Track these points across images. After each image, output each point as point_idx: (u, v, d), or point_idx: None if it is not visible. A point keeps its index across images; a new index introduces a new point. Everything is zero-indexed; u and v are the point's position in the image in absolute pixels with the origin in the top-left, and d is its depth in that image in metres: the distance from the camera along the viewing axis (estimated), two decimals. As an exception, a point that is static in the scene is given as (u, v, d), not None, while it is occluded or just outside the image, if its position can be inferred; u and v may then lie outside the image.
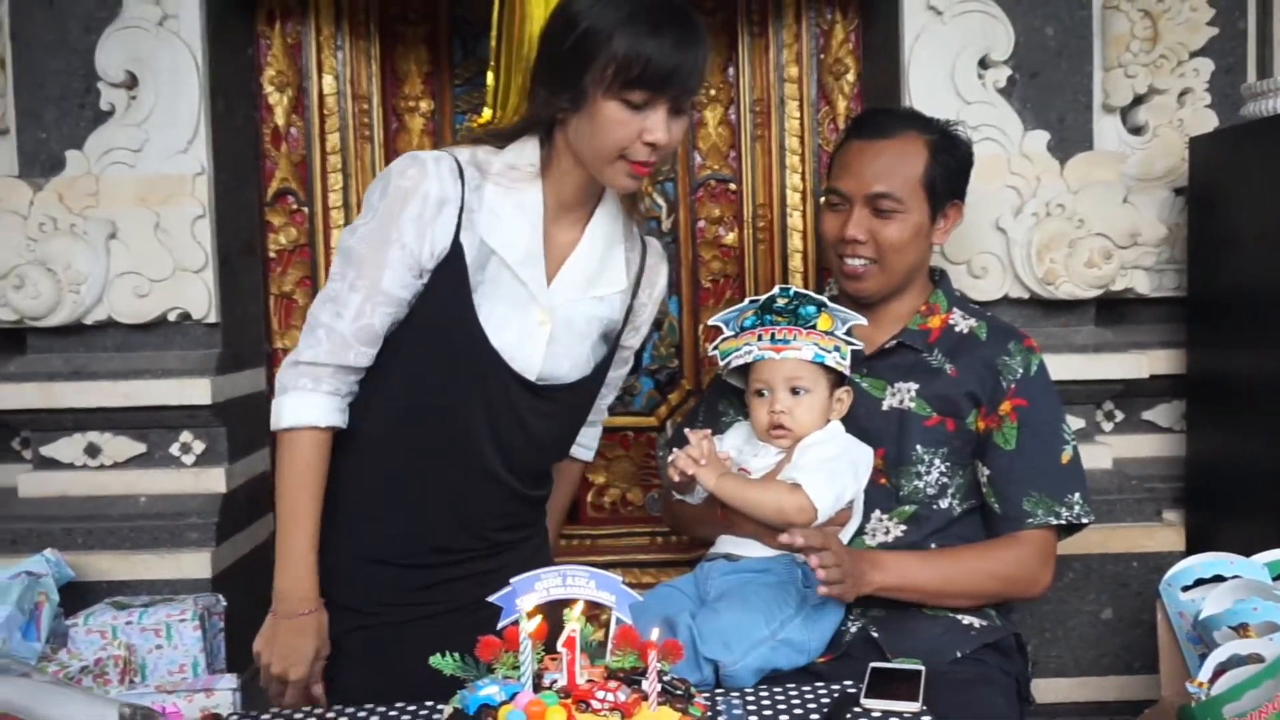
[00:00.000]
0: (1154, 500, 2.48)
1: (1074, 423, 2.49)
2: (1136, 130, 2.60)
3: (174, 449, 2.52)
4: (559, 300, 1.67)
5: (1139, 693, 2.33)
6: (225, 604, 2.33)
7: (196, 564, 2.41)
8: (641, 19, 1.50)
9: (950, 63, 2.42)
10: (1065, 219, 2.37)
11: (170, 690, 2.09)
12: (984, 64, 2.44)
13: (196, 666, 2.19)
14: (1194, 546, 2.32)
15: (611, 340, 1.81)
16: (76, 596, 2.32)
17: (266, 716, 1.50)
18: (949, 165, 1.89)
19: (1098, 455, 2.46)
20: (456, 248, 1.59)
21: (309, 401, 1.61)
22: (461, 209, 1.59)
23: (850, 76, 2.82)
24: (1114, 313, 2.58)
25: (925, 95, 2.40)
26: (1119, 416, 2.65)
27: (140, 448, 2.52)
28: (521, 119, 1.69)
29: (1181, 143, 2.54)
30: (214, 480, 2.52)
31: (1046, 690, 2.40)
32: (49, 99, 2.49)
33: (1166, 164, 2.56)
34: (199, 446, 2.52)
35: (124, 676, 2.13)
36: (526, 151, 1.64)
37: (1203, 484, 2.49)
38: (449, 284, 1.60)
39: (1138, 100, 2.59)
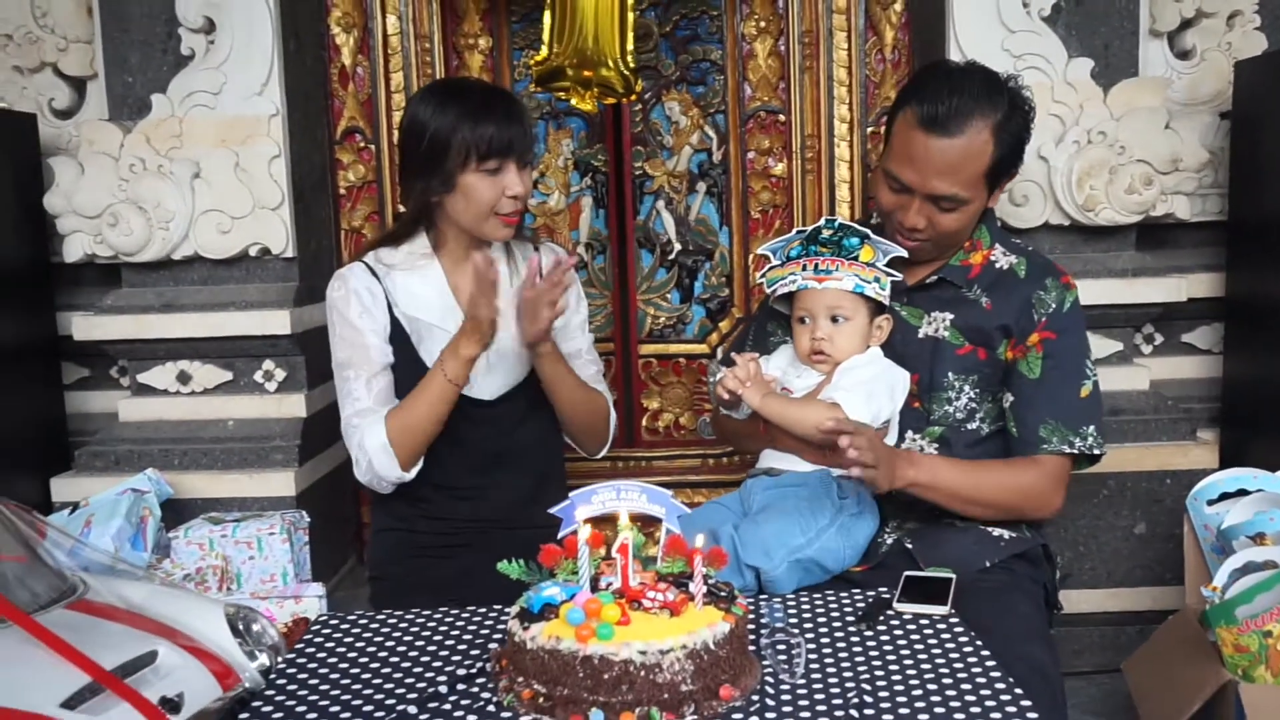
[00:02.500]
0: (1189, 420, 2.54)
1: (1111, 345, 2.56)
2: (1184, 55, 2.61)
3: (258, 376, 2.70)
4: None
5: (1170, 603, 2.42)
6: (309, 520, 2.53)
7: (282, 483, 2.61)
8: (476, 109, 1.89)
9: (995, -9, 2.45)
10: (1107, 146, 2.40)
11: (264, 597, 2.29)
12: (1029, -9, 2.46)
13: (285, 576, 2.40)
14: (1227, 464, 2.38)
15: None
16: (175, 512, 2.54)
17: (352, 617, 1.64)
18: (1011, 144, 1.87)
19: (1135, 377, 2.53)
20: (395, 322, 1.98)
21: (373, 428, 1.90)
22: (387, 293, 1.97)
23: (898, 6, 2.86)
24: (1155, 237, 2.62)
25: (969, 25, 2.43)
26: (1159, 339, 2.71)
27: (227, 375, 2.71)
28: (405, 216, 2.05)
29: (1229, 67, 2.54)
30: (295, 405, 2.70)
31: (1080, 600, 2.51)
32: (134, 44, 2.65)
33: (1213, 88, 2.56)
34: (280, 374, 2.70)
35: (222, 584, 2.34)
36: (418, 241, 2.01)
37: (1238, 404, 2.54)
38: (401, 351, 1.98)
39: (1185, 24, 2.59)
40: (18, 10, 2.83)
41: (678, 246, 3.12)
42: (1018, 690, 1.30)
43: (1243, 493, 1.95)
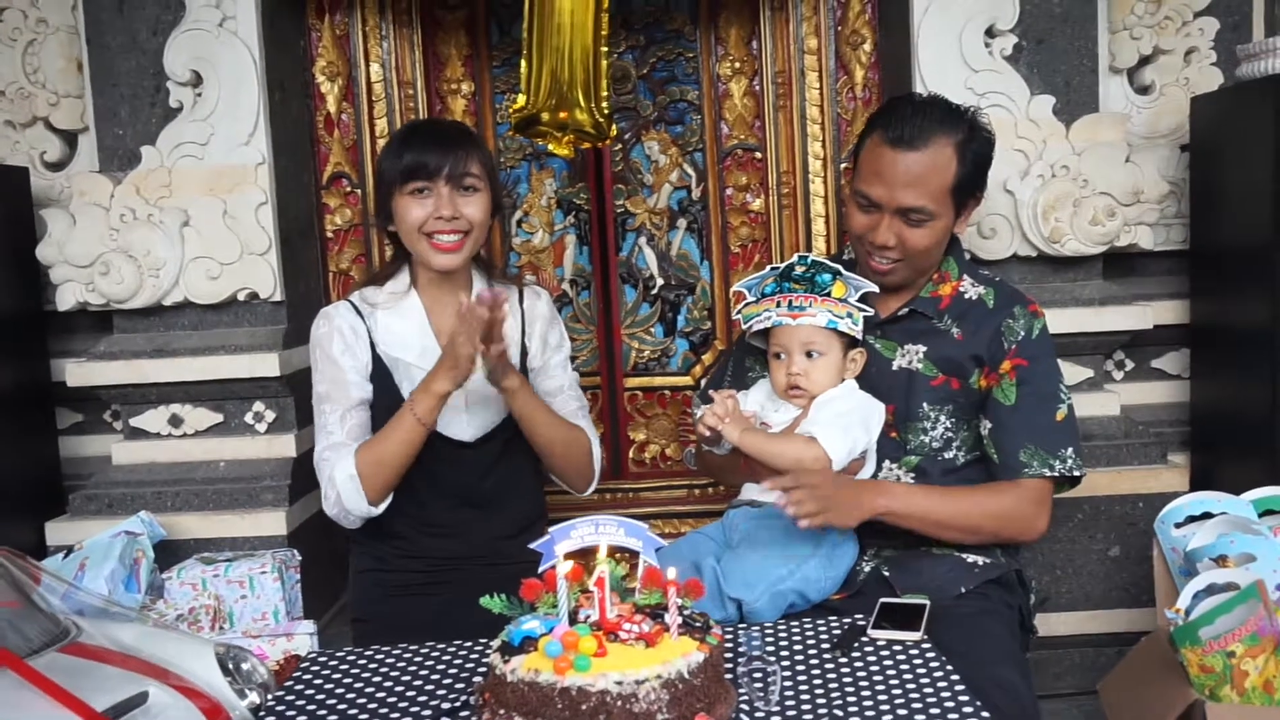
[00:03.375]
0: (1160, 444, 2.59)
1: (1082, 372, 2.61)
2: (1143, 90, 2.68)
3: (248, 418, 2.74)
4: None
5: (1146, 624, 2.45)
6: (300, 558, 2.56)
7: (273, 522, 2.64)
8: (404, 138, 2.02)
9: (958, 33, 2.53)
10: (1070, 179, 2.47)
11: (255, 635, 2.33)
12: (990, 33, 2.54)
13: (277, 614, 2.43)
14: (1197, 487, 2.42)
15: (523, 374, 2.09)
16: (169, 553, 2.57)
17: (340, 654, 1.67)
18: (975, 164, 1.94)
19: (1106, 403, 2.58)
20: (378, 360, 2.02)
21: (343, 460, 1.94)
22: (370, 332, 2.02)
23: (867, 47, 2.93)
24: (1122, 266, 2.68)
25: (934, 65, 2.50)
26: (1129, 365, 2.76)
27: (218, 417, 2.75)
28: (392, 257, 2.13)
29: (1187, 101, 2.62)
30: (285, 446, 2.74)
31: (1058, 623, 2.54)
32: (123, 98, 2.71)
33: (1172, 121, 2.64)
34: (270, 415, 2.74)
35: (214, 623, 2.37)
36: (400, 277, 2.08)
37: (1206, 427, 2.59)
38: (382, 388, 2.02)
39: (1144, 61, 2.66)
40: (10, 66, 2.90)
41: (660, 281, 3.18)
42: (985, 714, 1.33)
43: (1208, 515, 1.99)
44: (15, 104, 2.90)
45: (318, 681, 1.56)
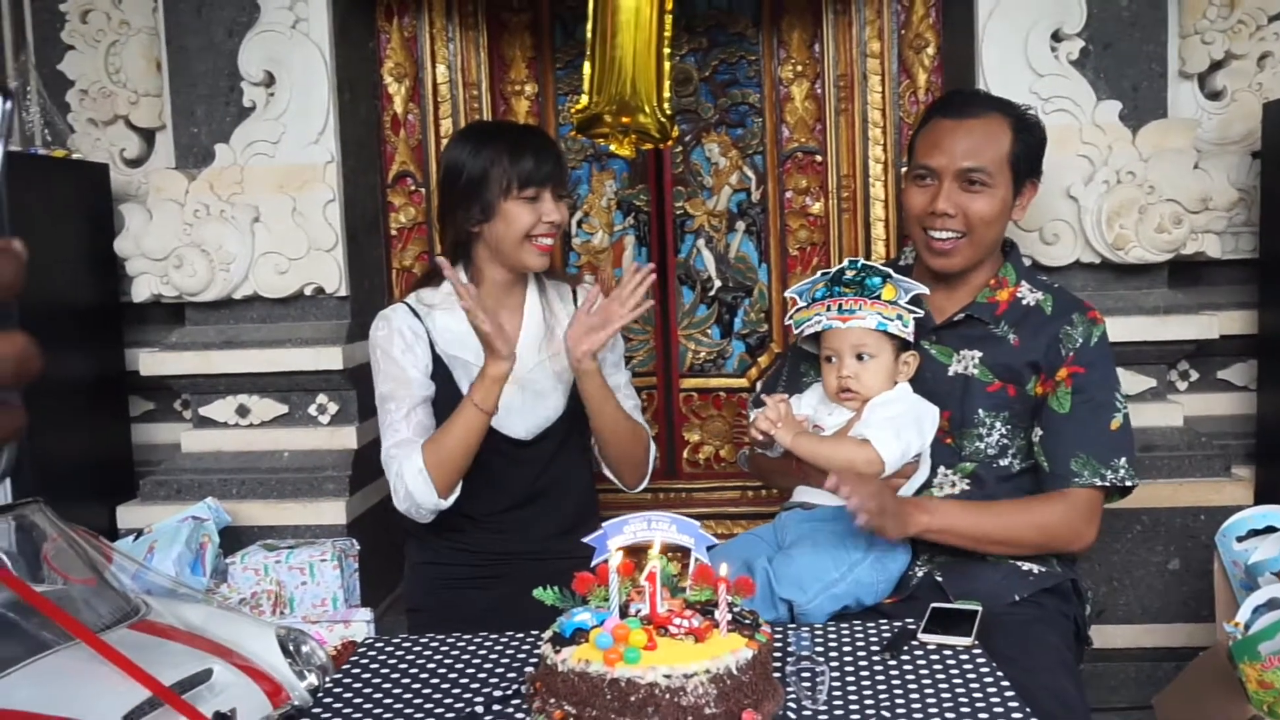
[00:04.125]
0: (1224, 456, 2.54)
1: (1145, 382, 2.56)
2: (1214, 95, 2.63)
3: (312, 409, 2.81)
4: (521, 372, 2.03)
5: (1204, 639, 2.41)
6: (359, 547, 2.61)
7: (333, 511, 2.70)
8: (513, 145, 2.03)
9: (1024, 37, 2.51)
10: (1135, 186, 2.43)
11: (314, 621, 2.38)
12: (1057, 37, 2.51)
13: (336, 601, 2.48)
14: (1261, 501, 2.37)
15: None
16: (233, 539, 2.64)
17: (396, 640, 1.71)
18: (1029, 145, 1.97)
19: (1169, 414, 2.53)
20: (437, 359, 2.06)
21: (411, 456, 1.96)
22: (428, 332, 2.06)
23: (930, 50, 2.91)
24: (1189, 275, 2.63)
25: (998, 69, 2.49)
26: (1194, 376, 2.71)
27: (283, 408, 2.82)
28: (443, 253, 2.13)
29: (1259, 107, 2.56)
30: (346, 437, 2.80)
31: (1114, 636, 2.50)
32: (199, 97, 2.79)
33: (1244, 128, 2.59)
34: (333, 407, 2.80)
35: (275, 608, 2.43)
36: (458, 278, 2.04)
37: (1273, 440, 2.54)
38: (442, 386, 2.06)
39: (1215, 65, 2.62)
40: (93, 67, 3.00)
41: (718, 283, 3.19)
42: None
43: (1272, 529, 1.95)
44: (97, 103, 3.00)
45: (374, 666, 1.60)
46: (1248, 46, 2.58)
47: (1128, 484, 1.90)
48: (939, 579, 1.89)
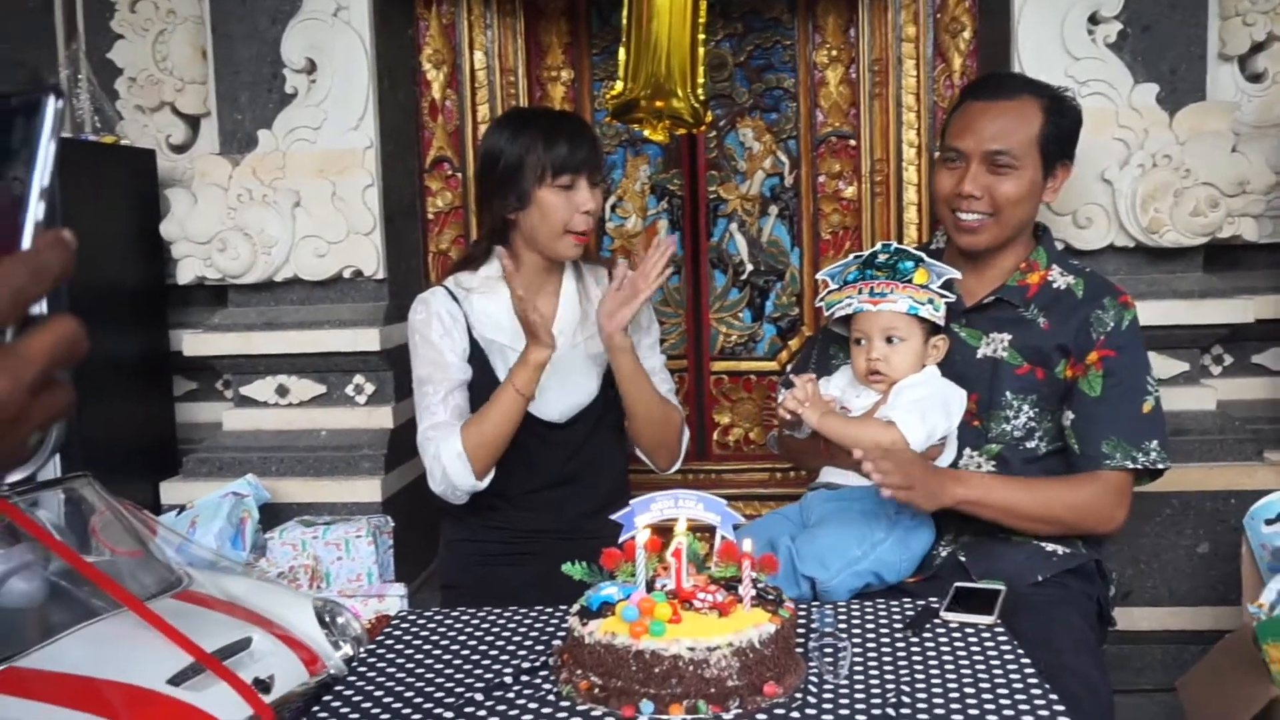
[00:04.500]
0: (1256, 441, 2.52)
1: (1178, 366, 2.55)
2: (1255, 78, 2.60)
3: (349, 390, 2.86)
4: (557, 355, 2.02)
5: (1230, 623, 2.39)
6: (393, 524, 2.66)
7: (369, 489, 2.75)
8: (548, 131, 2.02)
9: (1060, 19, 2.49)
10: (1171, 169, 2.41)
11: (350, 595, 2.42)
12: (1094, 20, 2.49)
13: (370, 576, 2.53)
14: (1295, 486, 2.36)
15: None
16: (272, 515, 2.70)
17: (429, 614, 1.75)
18: (1061, 127, 1.96)
19: (1202, 397, 2.52)
20: (474, 344, 2.09)
21: (449, 439, 1.98)
22: (466, 316, 2.07)
23: (966, 35, 2.90)
24: (1225, 259, 2.60)
25: (1034, 53, 2.47)
26: (1228, 360, 2.69)
27: (321, 388, 2.87)
28: (481, 239, 2.16)
29: (1302, 89, 2.53)
30: (383, 417, 2.85)
31: (1140, 618, 2.49)
32: (243, 84, 2.84)
33: (1286, 110, 2.55)
34: (370, 388, 2.85)
35: (312, 582, 2.49)
36: (494, 264, 2.09)
37: (1308, 426, 2.51)
38: (479, 370, 2.08)
39: (1257, 47, 2.58)
40: (141, 55, 3.06)
41: (750, 267, 3.20)
42: (1053, 696, 1.32)
43: (1301, 513, 1.95)
44: (145, 90, 3.07)
45: (407, 638, 1.63)
46: (1289, 28, 2.55)
47: (1159, 466, 1.90)
48: (962, 559, 1.90)
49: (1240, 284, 2.59)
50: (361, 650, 1.65)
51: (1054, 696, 1.33)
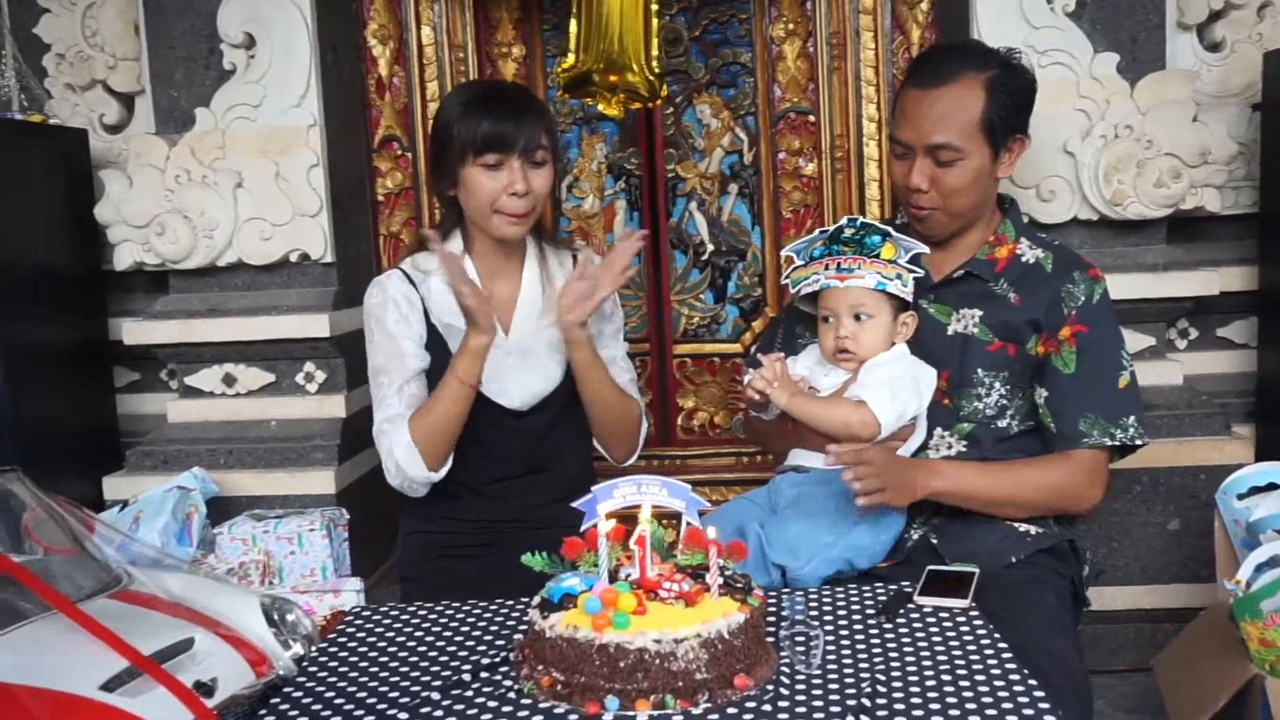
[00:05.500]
0: (1224, 415, 2.52)
1: (1144, 340, 2.54)
2: (1214, 47, 2.59)
3: (299, 378, 2.78)
4: (518, 340, 2.00)
5: (1203, 600, 2.40)
6: (348, 516, 2.59)
7: (322, 481, 2.68)
8: (476, 103, 1.92)
9: (1018, -12, 2.45)
10: (1134, 140, 2.39)
11: (304, 591, 2.35)
12: (1052, -12, 2.46)
13: (325, 571, 2.46)
14: (1263, 459, 2.34)
15: None
16: (221, 509, 2.61)
17: (384, 609, 1.69)
18: (1007, 103, 1.90)
19: (1168, 372, 2.51)
20: (432, 329, 2.00)
21: (400, 431, 1.93)
22: (423, 300, 1.99)
23: (924, 6, 2.87)
24: (1187, 231, 2.60)
25: (993, 23, 2.44)
26: (1193, 334, 2.69)
27: (270, 377, 2.79)
28: (443, 219, 2.09)
29: (1260, 58, 2.52)
30: (335, 406, 2.77)
31: (1113, 598, 2.49)
32: (178, 60, 2.74)
33: (1244, 80, 2.54)
34: (321, 376, 2.77)
35: (264, 578, 2.41)
36: (453, 242, 2.02)
37: (1273, 398, 2.51)
38: (437, 356, 1.99)
39: (1215, 16, 2.57)
40: (70, 30, 2.95)
41: (710, 247, 3.15)
42: (1032, 681, 1.30)
43: (1273, 486, 1.93)
44: (75, 67, 2.95)
45: (360, 635, 1.57)
46: (1247, -4, 2.54)
47: (1137, 442, 1.88)
48: (934, 541, 1.87)
49: (1203, 256, 2.58)
50: (313, 649, 1.59)
51: (1033, 682, 1.31)
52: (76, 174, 2.88)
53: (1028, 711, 1.22)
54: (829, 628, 1.50)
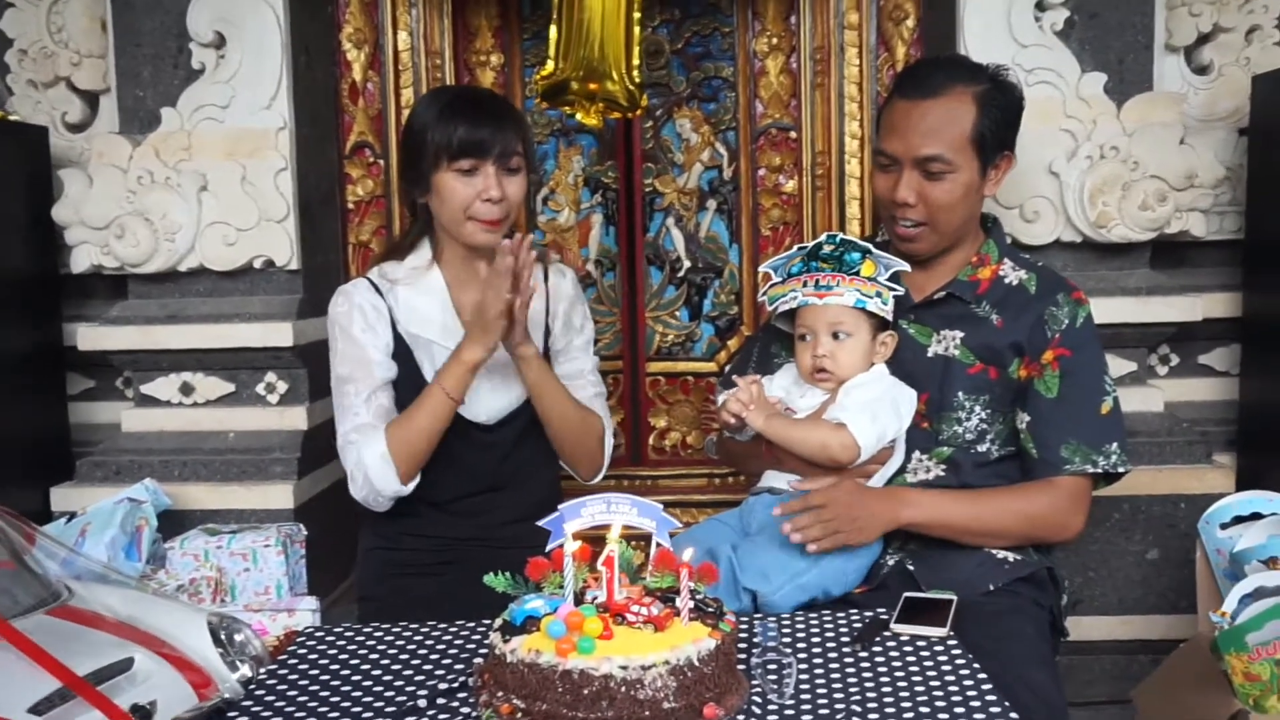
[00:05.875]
0: (1205, 443, 2.50)
1: (1125, 366, 2.51)
2: (1201, 70, 2.58)
3: (260, 388, 2.70)
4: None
5: (1184, 631, 2.37)
6: (306, 533, 2.52)
7: (280, 495, 2.60)
8: (451, 108, 1.90)
9: (1007, 6, 2.45)
10: (1119, 161, 2.37)
11: (257, 609, 2.28)
12: (1040, 6, 2.45)
13: (280, 589, 2.38)
14: (1244, 488, 2.31)
15: (544, 357, 2.02)
16: (173, 523, 2.53)
17: (339, 630, 1.63)
18: (997, 118, 1.87)
19: (1149, 398, 2.49)
20: (399, 339, 1.96)
21: (371, 441, 1.88)
22: (390, 309, 1.95)
23: (910, 22, 2.84)
24: (1171, 256, 2.58)
25: (980, 39, 2.42)
26: (1174, 360, 2.67)
27: (229, 387, 2.71)
28: (409, 225, 2.06)
29: (1248, 82, 2.51)
30: (296, 418, 2.70)
31: (1090, 628, 2.45)
32: (145, 58, 2.67)
33: (1231, 103, 2.54)
34: (282, 386, 2.70)
35: (215, 596, 2.33)
36: (421, 250, 2.00)
37: (1255, 427, 2.50)
38: (404, 367, 1.96)
39: (1203, 39, 2.56)
40: (34, 26, 2.87)
41: (687, 264, 3.11)
42: (1013, 715, 1.26)
43: (1257, 516, 1.90)
44: (38, 63, 2.88)
45: (313, 657, 1.52)
46: (1236, 19, 2.52)
47: (1120, 470, 1.85)
48: (910, 567, 1.84)
49: (1186, 282, 2.56)
50: (261, 671, 1.53)
51: (1014, 715, 1.27)
52: (36, 173, 2.80)
53: (1008, 746, 1.18)
54: (802, 655, 1.46)
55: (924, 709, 1.27)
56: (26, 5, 2.86)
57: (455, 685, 1.37)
